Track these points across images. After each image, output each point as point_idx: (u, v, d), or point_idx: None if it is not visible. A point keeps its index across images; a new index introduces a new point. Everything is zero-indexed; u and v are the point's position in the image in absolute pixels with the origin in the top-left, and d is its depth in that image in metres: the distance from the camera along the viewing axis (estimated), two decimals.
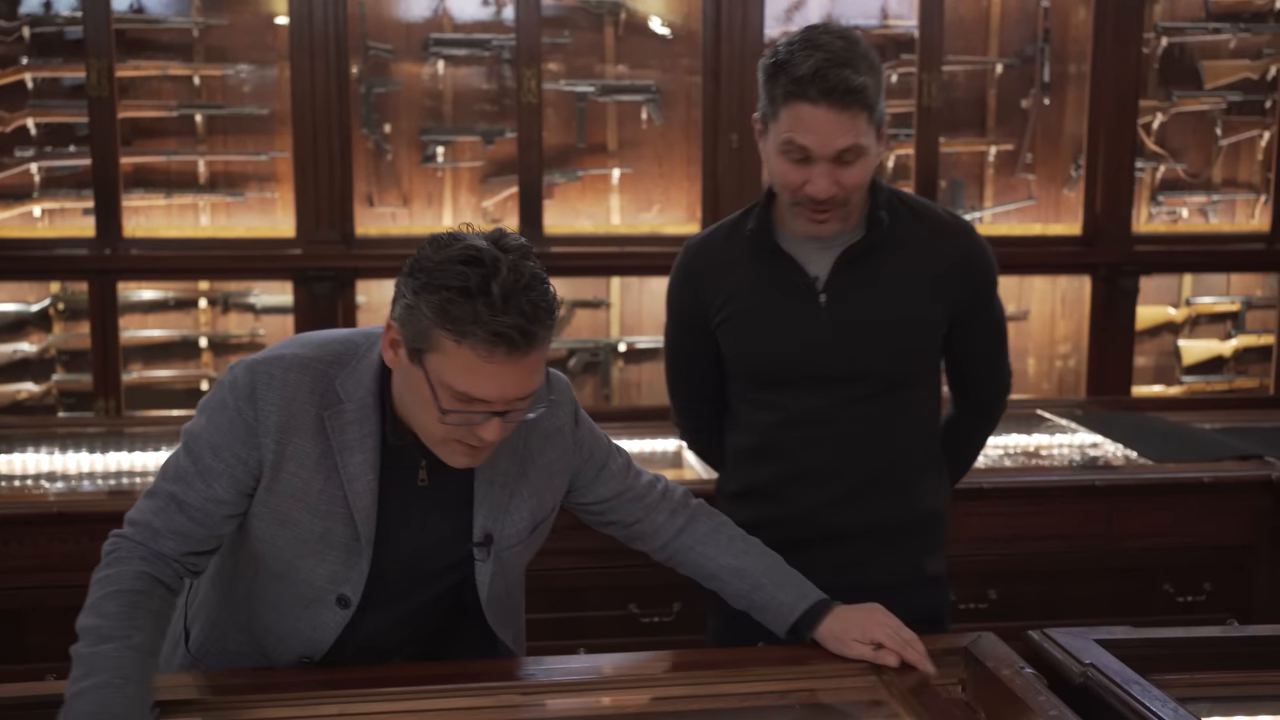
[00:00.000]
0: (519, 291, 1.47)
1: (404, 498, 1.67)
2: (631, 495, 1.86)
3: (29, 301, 4.27)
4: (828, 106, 1.82)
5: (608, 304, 4.59)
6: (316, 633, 1.70)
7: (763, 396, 2.06)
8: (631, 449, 3.31)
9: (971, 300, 2.05)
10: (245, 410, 1.61)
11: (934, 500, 2.10)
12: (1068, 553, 2.72)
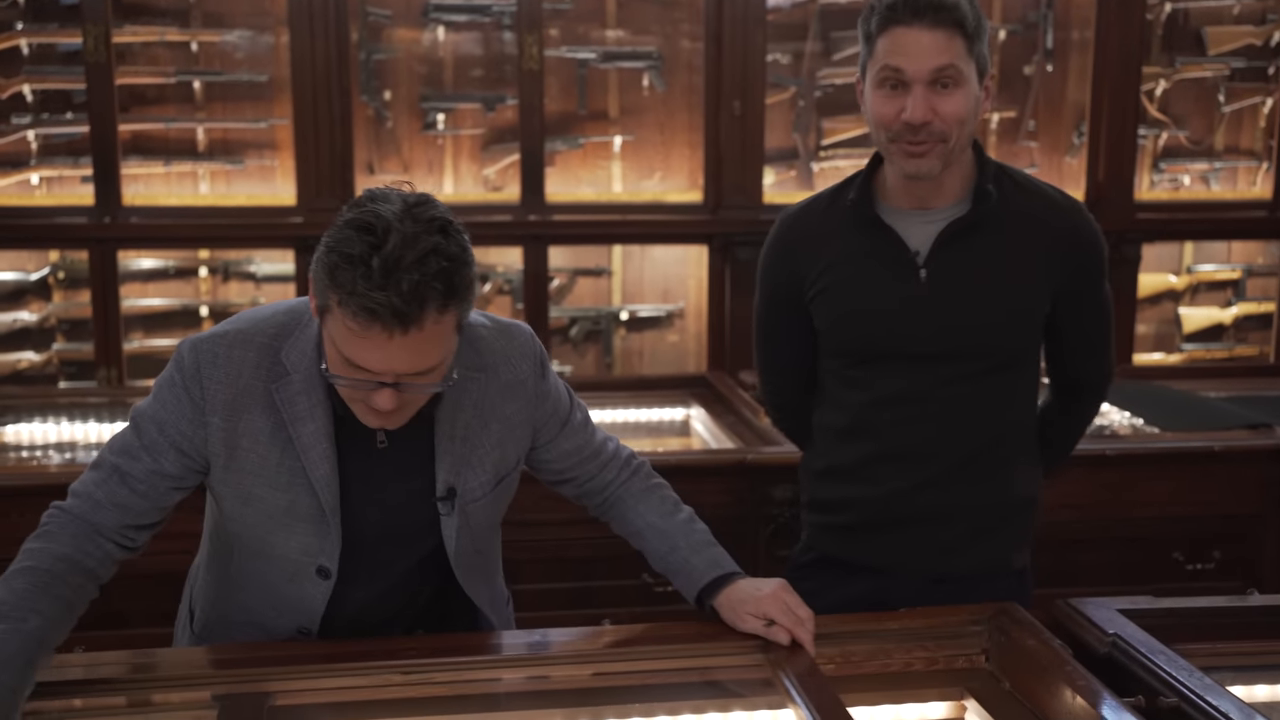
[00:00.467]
0: (404, 269, 1.39)
1: (364, 462, 1.65)
2: (589, 452, 1.86)
3: (28, 270, 4.24)
4: (920, 26, 1.79)
5: (609, 272, 4.57)
6: (304, 605, 1.69)
7: (855, 373, 2.00)
8: (638, 418, 3.34)
9: (1079, 282, 1.96)
10: (192, 389, 1.60)
11: (1027, 488, 2.03)
12: (1078, 522, 2.73)
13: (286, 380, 1.60)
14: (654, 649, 1.69)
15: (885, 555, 1.99)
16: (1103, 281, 2.00)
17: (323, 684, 1.59)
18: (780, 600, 1.68)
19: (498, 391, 1.70)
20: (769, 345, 2.14)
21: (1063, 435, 2.14)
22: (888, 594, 1.92)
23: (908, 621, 1.73)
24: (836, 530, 2.05)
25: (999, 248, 1.92)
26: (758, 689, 1.63)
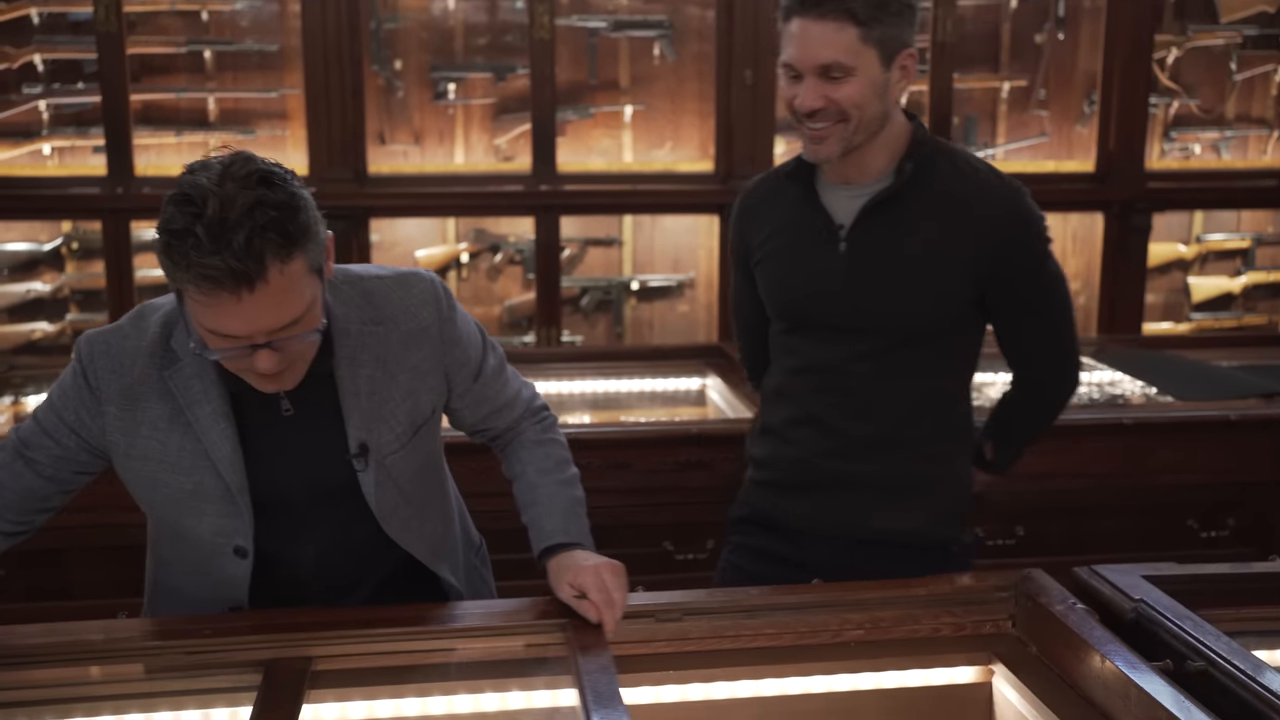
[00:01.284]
0: (231, 228, 1.38)
1: (271, 432, 1.65)
2: (503, 402, 1.86)
3: (41, 241, 4.25)
4: (810, 18, 1.81)
5: (620, 242, 4.58)
6: (229, 584, 1.69)
7: (787, 339, 2.06)
8: (653, 388, 3.36)
9: (1008, 269, 1.93)
10: (89, 379, 1.62)
11: (944, 465, 2.03)
12: (1094, 489, 2.75)
13: (178, 366, 1.61)
14: (432, 629, 1.66)
15: (802, 514, 2.05)
16: (1038, 270, 1.96)
17: (363, 649, 1.61)
18: (599, 577, 1.66)
19: (400, 342, 1.70)
20: (738, 306, 2.22)
21: (1018, 423, 2.14)
22: (808, 553, 2.02)
23: (935, 588, 1.75)
24: (763, 486, 2.11)
25: (917, 225, 1.92)
26: (547, 668, 1.62)
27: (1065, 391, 2.10)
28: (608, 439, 2.70)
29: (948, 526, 2.05)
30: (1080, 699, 1.51)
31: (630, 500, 2.61)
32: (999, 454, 2.15)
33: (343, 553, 1.75)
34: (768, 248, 2.04)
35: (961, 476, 2.08)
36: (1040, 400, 2.11)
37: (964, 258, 1.92)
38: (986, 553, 2.72)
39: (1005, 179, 1.96)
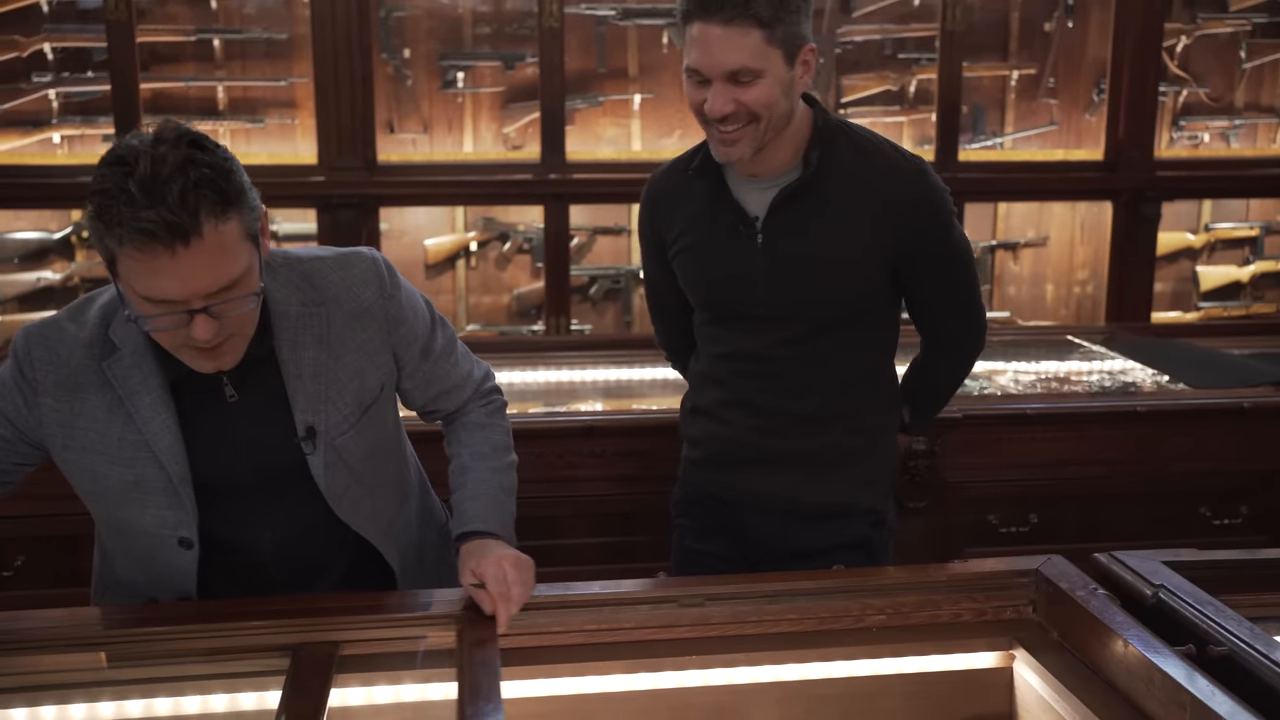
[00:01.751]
0: (161, 183, 1.37)
1: (215, 420, 1.64)
2: (453, 383, 1.85)
3: (51, 230, 4.25)
4: (714, 23, 1.79)
5: (629, 230, 4.58)
6: (176, 575, 1.68)
7: (710, 328, 2.10)
8: (655, 376, 3.35)
9: (918, 244, 1.98)
10: (26, 372, 1.60)
11: (870, 438, 2.10)
12: (1107, 477, 2.76)
13: (117, 356, 1.59)
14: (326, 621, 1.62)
15: (740, 488, 2.11)
16: (945, 241, 2.01)
17: (389, 634, 1.62)
18: (500, 568, 1.62)
19: (344, 323, 1.68)
20: (651, 294, 2.26)
21: (933, 386, 2.23)
22: (745, 523, 2.11)
23: (956, 573, 1.76)
24: (698, 464, 2.17)
25: (828, 213, 1.95)
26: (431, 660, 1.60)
27: (974, 352, 2.18)
28: (621, 426, 2.70)
29: (878, 494, 2.13)
30: (1102, 683, 1.52)
31: (643, 488, 2.61)
32: (916, 416, 2.25)
33: (300, 537, 1.74)
34: (683, 242, 2.05)
35: (890, 445, 2.17)
36: (953, 363, 2.20)
37: (876, 239, 1.96)
38: (999, 540, 2.73)
39: (908, 156, 2.00)
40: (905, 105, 4.58)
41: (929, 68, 4.41)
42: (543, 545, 2.64)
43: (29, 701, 1.53)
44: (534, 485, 2.57)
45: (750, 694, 1.64)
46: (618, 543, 2.68)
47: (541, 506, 2.61)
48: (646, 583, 1.76)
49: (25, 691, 1.55)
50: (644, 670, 1.62)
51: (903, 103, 4.58)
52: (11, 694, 1.54)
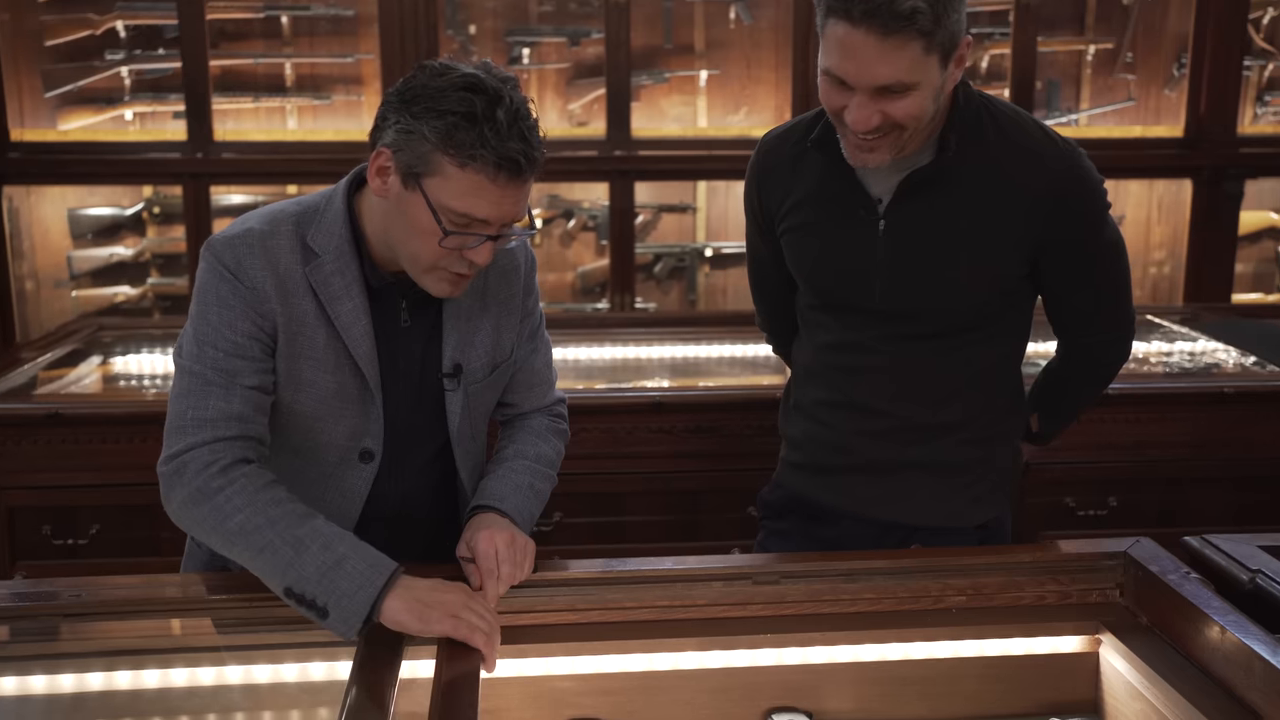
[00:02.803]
0: (523, 120, 1.52)
1: (392, 341, 1.68)
2: (539, 380, 1.86)
3: (123, 205, 4.30)
4: (869, 29, 1.57)
5: (694, 208, 4.53)
6: (345, 499, 1.70)
7: (818, 316, 1.93)
8: (720, 354, 3.32)
9: (1063, 236, 1.78)
10: (244, 280, 1.60)
11: (988, 451, 1.92)
12: (1190, 460, 2.68)
13: (319, 262, 1.62)
14: None
15: (835, 497, 1.95)
16: (1095, 238, 1.82)
17: None
18: (492, 543, 1.61)
19: (496, 277, 1.74)
20: (755, 271, 2.08)
21: (1067, 394, 2.02)
22: (844, 539, 1.91)
23: (1040, 554, 1.71)
24: (796, 468, 2.01)
25: (965, 201, 1.77)
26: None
27: (1118, 362, 1.98)
28: (689, 402, 2.67)
29: (990, 507, 1.94)
30: (1196, 671, 1.46)
31: (716, 465, 2.59)
32: (1045, 426, 2.04)
33: (426, 481, 1.77)
34: (793, 220, 1.88)
35: (1008, 457, 1.98)
36: (1093, 372, 1.99)
37: (1015, 232, 1.77)
38: (1077, 523, 2.67)
39: (1058, 140, 1.80)
40: (977, 81, 4.48)
41: (1002, 43, 4.31)
42: (608, 522, 2.64)
43: (106, 666, 1.53)
44: (600, 461, 2.57)
45: (825, 674, 1.61)
46: (684, 521, 2.65)
47: (608, 483, 2.60)
48: (720, 559, 1.73)
49: (101, 656, 1.55)
50: (717, 648, 1.59)
51: (975, 78, 4.48)
52: (89, 658, 1.55)
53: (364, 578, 1.48)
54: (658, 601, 1.64)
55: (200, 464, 1.55)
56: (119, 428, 2.52)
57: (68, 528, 2.55)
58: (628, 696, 1.57)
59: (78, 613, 1.58)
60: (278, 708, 1.53)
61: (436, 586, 1.52)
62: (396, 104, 1.52)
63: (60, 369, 3.04)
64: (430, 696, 1.40)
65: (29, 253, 4.31)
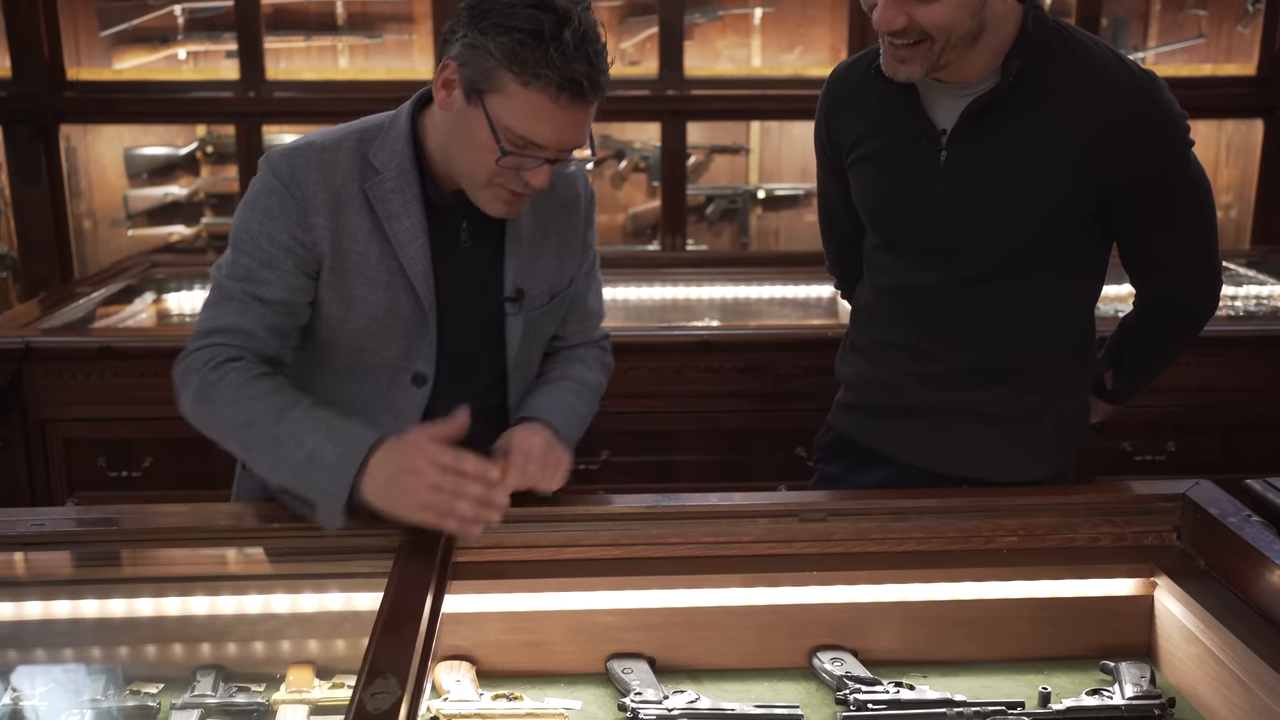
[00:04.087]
0: (590, 42, 1.49)
1: (450, 261, 1.67)
2: (590, 311, 1.85)
3: (177, 145, 4.32)
4: None
5: (747, 149, 4.47)
6: (397, 424, 1.65)
7: (878, 255, 1.88)
8: (771, 294, 3.28)
9: (1137, 175, 1.69)
10: (293, 192, 1.59)
11: (1051, 401, 1.84)
12: (1252, 404, 2.61)
13: (379, 179, 1.61)
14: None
15: (887, 443, 1.90)
16: (1172, 175, 1.71)
17: (506, 539, 1.60)
18: (528, 440, 1.62)
19: (556, 206, 1.74)
20: (824, 211, 2.03)
21: (1144, 351, 1.92)
22: (893, 484, 1.86)
23: (1095, 496, 1.67)
24: (850, 410, 1.97)
25: (1030, 130, 1.70)
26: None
27: (1202, 318, 1.88)
28: (742, 341, 2.64)
29: (1050, 465, 1.87)
30: (1256, 615, 1.42)
31: (763, 405, 2.56)
32: (1120, 384, 1.95)
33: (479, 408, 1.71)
34: (860, 151, 1.83)
35: (1075, 412, 1.90)
36: (1172, 327, 1.90)
37: (1083, 167, 1.69)
38: (1134, 469, 2.62)
39: (1134, 68, 1.71)
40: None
41: None
42: (656, 461, 2.62)
43: (155, 592, 1.55)
44: (649, 400, 2.55)
45: (871, 613, 1.59)
46: (732, 460, 2.63)
47: (656, 422, 2.58)
48: (766, 496, 1.71)
49: (151, 583, 1.57)
50: (762, 585, 1.58)
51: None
52: (139, 584, 1.57)
53: (336, 470, 1.46)
54: (703, 537, 1.62)
55: (199, 363, 1.58)
56: (169, 361, 2.51)
57: (122, 460, 2.59)
58: (671, 633, 1.57)
59: (128, 540, 1.60)
60: (320, 636, 1.54)
61: (408, 466, 1.45)
62: (466, 18, 1.51)
63: (115, 305, 3.07)
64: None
65: (86, 192, 4.35)
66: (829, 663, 1.55)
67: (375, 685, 1.15)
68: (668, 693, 1.48)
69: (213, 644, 1.52)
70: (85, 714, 1.41)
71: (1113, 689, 1.50)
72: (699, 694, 1.48)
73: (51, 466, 2.56)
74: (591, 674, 1.55)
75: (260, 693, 1.47)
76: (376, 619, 1.31)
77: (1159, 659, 1.58)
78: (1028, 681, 1.55)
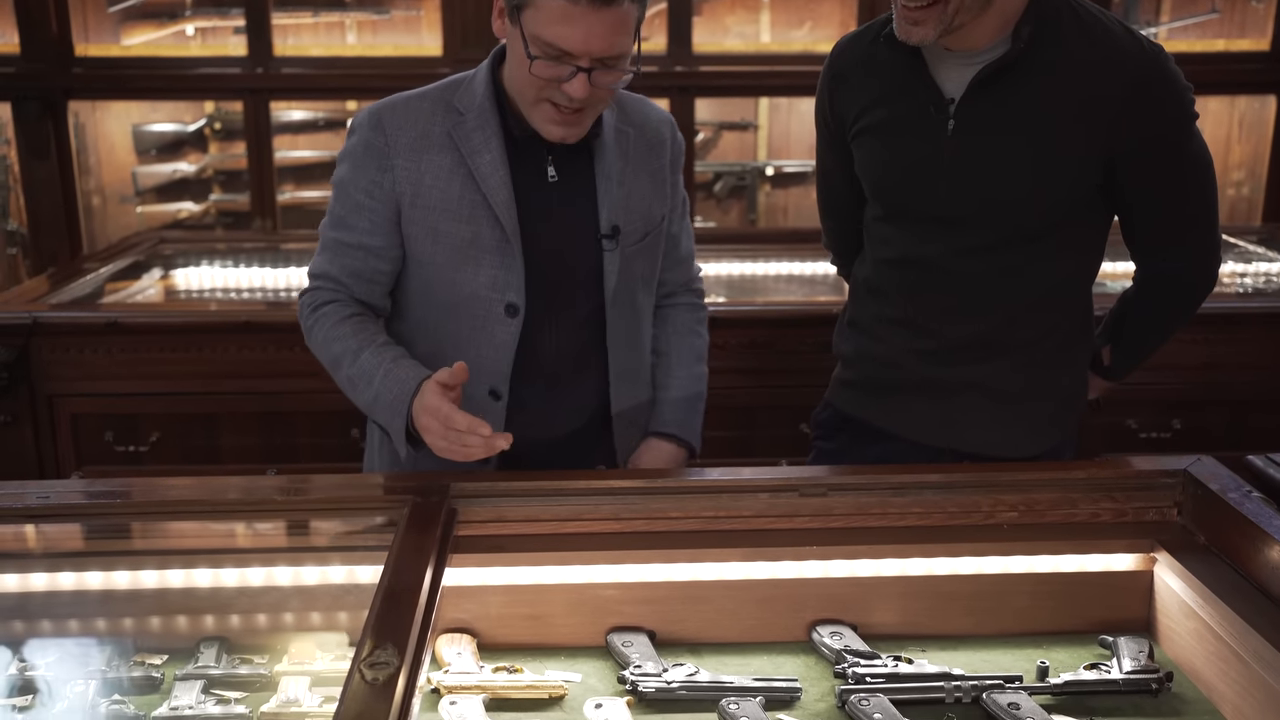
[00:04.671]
0: None
1: (537, 194, 1.76)
2: (683, 254, 1.96)
3: (185, 121, 4.32)
4: None
5: (755, 126, 4.46)
6: (496, 353, 1.78)
7: (881, 227, 1.87)
8: (779, 271, 3.27)
9: (1145, 146, 1.69)
10: (376, 139, 1.74)
11: (1052, 376, 1.84)
12: (1259, 382, 2.60)
13: (461, 120, 1.74)
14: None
15: (886, 419, 1.90)
16: (1177, 148, 1.72)
17: (507, 512, 1.61)
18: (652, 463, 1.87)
19: (645, 147, 1.83)
20: (822, 184, 2.04)
21: (1143, 326, 1.91)
22: (890, 460, 1.85)
23: (1096, 471, 1.67)
24: (847, 385, 1.97)
25: (1038, 99, 1.70)
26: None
27: (1200, 294, 1.87)
28: (747, 318, 2.64)
29: (1051, 439, 1.87)
30: (1255, 591, 1.42)
31: (769, 381, 2.56)
32: (1118, 360, 1.95)
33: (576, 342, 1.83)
34: (865, 121, 1.82)
35: (1075, 388, 1.89)
36: (1171, 303, 1.89)
37: (1091, 136, 1.69)
38: (1139, 445, 2.61)
39: (1142, 39, 1.72)
40: None
41: None
42: None
43: (159, 565, 1.56)
44: None
45: (870, 588, 1.59)
46: (737, 437, 2.64)
47: None
48: (767, 471, 1.71)
49: (156, 555, 1.58)
50: (762, 559, 1.58)
51: None
52: (143, 556, 1.58)
53: (390, 411, 1.65)
54: (703, 512, 1.63)
55: (305, 306, 1.80)
56: (176, 337, 2.55)
57: (129, 434, 2.60)
58: (671, 606, 1.57)
59: (133, 513, 1.62)
60: (323, 609, 1.55)
61: (422, 423, 1.61)
62: None
63: (123, 281, 3.09)
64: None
65: (95, 168, 4.36)
66: (828, 637, 1.56)
67: (374, 656, 1.15)
68: (667, 665, 1.49)
69: (217, 616, 1.54)
70: (91, 684, 1.42)
71: (1111, 663, 1.50)
72: (698, 667, 1.49)
73: (59, 441, 2.58)
74: (592, 647, 1.56)
75: (263, 664, 1.48)
76: (376, 591, 1.32)
77: (1158, 634, 1.58)
78: (1026, 656, 1.55)
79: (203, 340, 2.53)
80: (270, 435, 2.54)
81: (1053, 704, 1.45)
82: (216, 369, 2.51)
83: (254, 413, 2.56)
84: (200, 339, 2.53)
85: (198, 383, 2.53)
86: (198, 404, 2.53)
